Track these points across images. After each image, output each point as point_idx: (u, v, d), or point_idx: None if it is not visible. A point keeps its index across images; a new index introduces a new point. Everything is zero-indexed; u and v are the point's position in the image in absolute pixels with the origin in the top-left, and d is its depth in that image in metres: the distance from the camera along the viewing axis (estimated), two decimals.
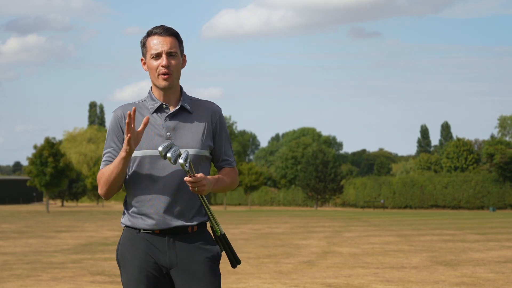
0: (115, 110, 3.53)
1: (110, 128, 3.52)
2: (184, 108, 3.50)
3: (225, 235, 3.61)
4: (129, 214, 3.50)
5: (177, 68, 3.48)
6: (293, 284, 10.09)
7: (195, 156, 3.44)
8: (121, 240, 3.53)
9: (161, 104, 3.48)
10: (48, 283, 10.28)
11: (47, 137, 58.11)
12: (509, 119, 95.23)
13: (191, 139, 3.45)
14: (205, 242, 3.50)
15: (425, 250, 16.04)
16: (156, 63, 3.44)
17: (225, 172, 3.60)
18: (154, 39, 3.46)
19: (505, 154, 68.87)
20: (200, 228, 3.50)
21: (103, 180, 3.42)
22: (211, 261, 3.48)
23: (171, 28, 3.49)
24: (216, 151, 3.58)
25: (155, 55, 3.43)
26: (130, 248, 3.46)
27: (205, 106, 3.56)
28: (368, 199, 76.94)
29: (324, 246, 17.36)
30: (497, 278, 10.83)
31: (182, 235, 3.45)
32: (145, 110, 3.49)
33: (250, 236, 21.16)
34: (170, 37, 3.46)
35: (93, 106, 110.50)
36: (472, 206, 70.99)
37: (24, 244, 18.29)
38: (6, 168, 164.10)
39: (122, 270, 3.50)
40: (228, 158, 3.62)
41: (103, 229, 26.08)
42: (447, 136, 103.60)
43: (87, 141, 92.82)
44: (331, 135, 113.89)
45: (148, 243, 3.43)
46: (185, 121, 3.48)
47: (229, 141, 3.63)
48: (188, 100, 3.54)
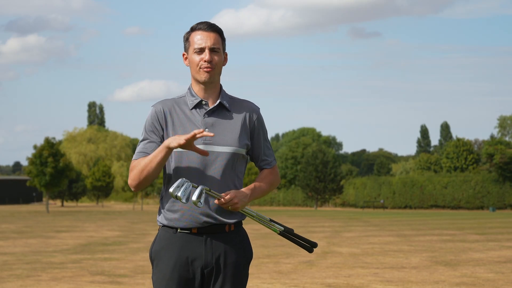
0: (154, 104, 3.52)
1: (147, 122, 3.50)
2: (222, 105, 3.49)
3: (285, 230, 3.60)
4: (164, 212, 3.48)
5: (219, 64, 3.48)
6: (292, 284, 10.09)
7: (232, 154, 3.43)
8: (157, 238, 3.51)
9: (200, 100, 3.47)
10: (48, 283, 10.28)
11: (47, 137, 58.09)
12: (509, 119, 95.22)
13: (229, 137, 3.45)
14: (241, 242, 3.51)
15: (425, 250, 16.04)
16: (199, 57, 3.44)
17: (264, 176, 3.59)
18: (198, 34, 3.46)
19: (505, 154, 68.88)
20: (236, 227, 3.50)
21: (138, 170, 3.39)
22: (244, 263, 3.49)
23: (215, 25, 3.49)
24: (254, 151, 3.57)
25: (198, 49, 3.44)
26: (166, 247, 3.45)
27: (244, 105, 3.56)
28: (368, 199, 76.93)
29: (324, 246, 17.36)
30: (497, 278, 10.84)
31: (219, 234, 3.44)
32: (185, 106, 3.49)
33: (250, 236, 21.12)
34: (214, 33, 3.47)
35: (92, 106, 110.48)
36: (472, 206, 70.99)
37: (24, 244, 18.28)
38: (6, 168, 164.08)
39: (154, 268, 3.48)
40: (267, 158, 3.61)
41: (103, 229, 26.07)
42: (446, 136, 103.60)
43: (87, 141, 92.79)
44: (331, 135, 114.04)
45: (185, 242, 3.42)
46: (224, 118, 3.47)
47: (267, 141, 3.62)
48: (227, 98, 3.54)
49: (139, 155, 3.44)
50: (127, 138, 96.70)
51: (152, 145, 3.45)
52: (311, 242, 3.66)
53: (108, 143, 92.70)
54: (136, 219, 36.66)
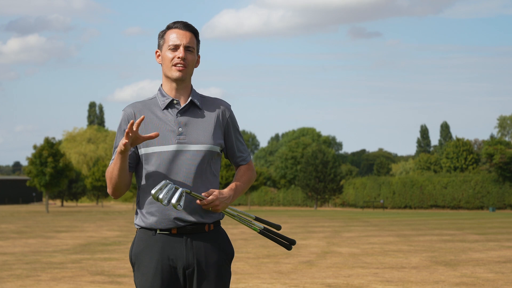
0: (124, 108, 3.52)
1: (119, 127, 3.51)
2: (194, 104, 3.49)
3: (265, 229, 3.62)
4: (142, 214, 3.47)
5: (192, 64, 3.49)
6: (292, 284, 10.08)
7: (207, 152, 3.43)
8: (135, 241, 3.49)
9: (172, 99, 3.47)
10: (48, 283, 10.28)
11: (46, 137, 58.08)
12: (508, 119, 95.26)
13: (202, 135, 3.45)
14: (222, 241, 3.50)
15: (424, 250, 16.04)
16: (172, 54, 3.45)
17: (241, 173, 3.60)
18: (173, 32, 3.48)
19: (504, 154, 68.88)
20: (216, 226, 3.50)
21: (108, 180, 3.43)
22: (225, 262, 3.49)
23: (191, 25, 3.51)
24: (229, 148, 3.58)
25: (172, 46, 3.45)
26: (146, 249, 3.43)
27: (215, 102, 3.56)
28: (368, 199, 76.93)
29: (324, 246, 17.36)
30: (496, 278, 10.83)
31: (199, 234, 3.43)
32: (156, 107, 3.48)
33: (249, 236, 21.15)
34: (189, 33, 3.49)
35: (93, 106, 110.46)
36: (472, 206, 71.00)
37: (24, 244, 18.28)
38: (5, 168, 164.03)
39: (136, 272, 3.47)
40: (242, 154, 3.62)
41: (102, 229, 26.07)
42: (446, 136, 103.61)
43: (86, 141, 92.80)
44: (330, 135, 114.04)
45: (165, 244, 3.41)
46: (196, 117, 3.48)
47: (241, 137, 3.63)
48: (198, 97, 3.54)
49: (110, 162, 3.46)
50: None
51: None
52: (290, 240, 3.66)
53: (108, 143, 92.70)
54: None
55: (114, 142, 3.50)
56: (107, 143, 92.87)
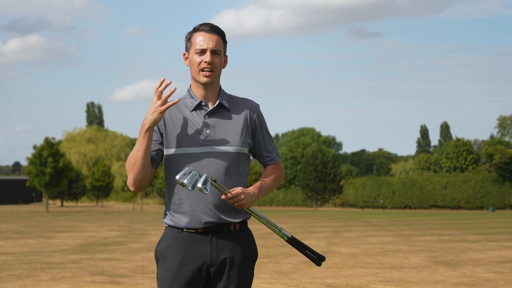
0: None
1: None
2: (222, 106, 3.50)
3: (293, 238, 3.60)
4: (170, 214, 3.49)
5: (219, 67, 3.49)
6: (292, 284, 10.09)
7: (235, 153, 3.44)
8: (163, 238, 3.52)
9: (200, 101, 3.48)
10: (48, 283, 10.28)
11: (46, 137, 58.05)
12: (508, 119, 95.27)
13: (230, 136, 3.45)
14: (247, 241, 3.51)
15: (424, 250, 16.04)
16: (200, 58, 3.45)
17: (268, 172, 3.60)
18: (200, 35, 3.47)
19: (504, 154, 68.89)
20: (242, 226, 3.51)
21: (131, 164, 3.40)
22: (249, 262, 3.50)
23: (218, 27, 3.50)
24: (257, 148, 3.58)
25: (199, 50, 3.44)
26: (171, 246, 3.46)
27: (243, 103, 3.57)
28: (368, 199, 76.92)
29: (324, 246, 17.36)
30: (496, 278, 10.84)
31: (224, 233, 3.45)
32: (185, 108, 3.49)
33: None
34: (216, 35, 3.47)
35: (91, 106, 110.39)
36: (472, 206, 71.00)
37: (24, 244, 18.28)
38: (5, 168, 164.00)
39: (159, 267, 3.49)
40: (270, 154, 3.62)
41: (102, 229, 26.07)
42: (446, 136, 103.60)
43: (86, 141, 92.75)
44: (330, 135, 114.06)
45: (190, 241, 3.43)
46: (224, 118, 3.48)
47: (269, 137, 3.63)
48: (227, 98, 3.54)
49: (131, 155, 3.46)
50: (126, 138, 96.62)
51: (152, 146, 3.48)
52: (320, 256, 3.63)
53: (107, 143, 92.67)
54: (136, 219, 36.66)
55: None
56: (107, 143, 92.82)
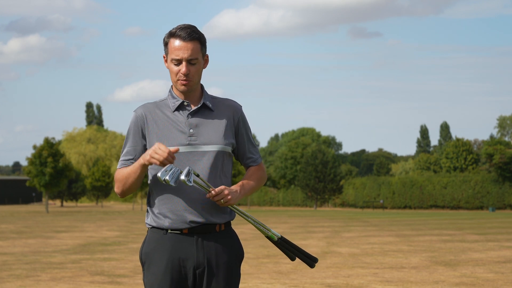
0: (136, 109, 3.53)
1: (130, 128, 3.51)
2: (206, 106, 3.49)
3: (283, 238, 3.58)
4: (153, 214, 3.48)
5: (197, 73, 3.46)
6: (292, 284, 10.08)
7: (219, 152, 3.44)
8: (146, 240, 3.50)
9: (182, 101, 3.47)
10: (48, 283, 10.27)
11: (46, 137, 58.07)
12: (508, 119, 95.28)
13: (213, 136, 3.45)
14: (232, 242, 3.51)
15: (424, 250, 16.04)
16: (176, 68, 3.42)
17: (251, 173, 3.60)
18: (176, 42, 3.42)
19: (504, 154, 68.90)
20: (226, 227, 3.51)
21: (120, 181, 3.44)
22: (235, 262, 3.49)
23: (194, 32, 3.42)
24: (240, 149, 3.58)
25: (175, 60, 3.41)
26: (156, 248, 3.44)
27: (226, 104, 3.56)
28: (368, 199, 76.93)
29: (324, 246, 17.36)
30: (496, 278, 10.83)
31: (210, 234, 3.44)
32: (167, 108, 3.49)
33: (249, 236, 21.15)
34: (191, 43, 3.41)
35: (90, 106, 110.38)
36: (472, 206, 71.01)
37: (23, 244, 18.27)
38: (5, 168, 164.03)
39: (145, 271, 3.47)
40: (252, 155, 3.62)
41: (102, 229, 26.06)
42: (446, 136, 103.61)
43: (86, 141, 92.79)
44: (330, 135, 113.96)
45: (175, 243, 3.41)
46: (207, 118, 3.48)
47: (251, 138, 3.63)
48: (209, 98, 3.54)
49: (121, 164, 3.48)
50: None
51: (132, 153, 3.48)
52: (312, 257, 3.60)
53: (107, 143, 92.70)
54: (136, 219, 36.66)
55: (124, 144, 3.51)
56: (106, 143, 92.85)
